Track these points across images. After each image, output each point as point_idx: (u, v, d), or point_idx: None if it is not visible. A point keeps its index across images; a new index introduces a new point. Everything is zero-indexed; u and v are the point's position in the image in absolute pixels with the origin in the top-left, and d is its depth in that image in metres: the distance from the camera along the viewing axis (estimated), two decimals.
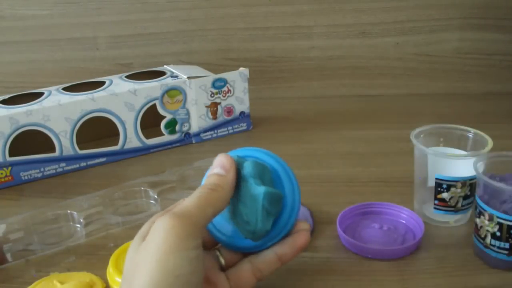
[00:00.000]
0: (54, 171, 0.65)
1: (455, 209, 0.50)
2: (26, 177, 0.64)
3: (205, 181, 0.38)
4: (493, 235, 0.43)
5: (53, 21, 0.90)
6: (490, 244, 0.43)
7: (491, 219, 0.43)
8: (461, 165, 0.47)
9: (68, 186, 0.63)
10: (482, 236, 0.44)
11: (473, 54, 0.89)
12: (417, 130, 0.52)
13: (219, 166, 0.38)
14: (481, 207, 0.44)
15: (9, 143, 0.62)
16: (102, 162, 0.68)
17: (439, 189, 0.49)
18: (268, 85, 0.93)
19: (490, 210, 0.42)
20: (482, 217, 0.44)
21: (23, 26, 0.90)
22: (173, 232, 0.32)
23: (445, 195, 0.49)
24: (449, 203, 0.49)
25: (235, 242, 0.39)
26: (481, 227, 0.44)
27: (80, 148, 0.67)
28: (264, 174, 0.38)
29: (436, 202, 0.50)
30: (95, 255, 0.48)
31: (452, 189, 0.48)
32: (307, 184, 0.60)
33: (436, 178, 0.49)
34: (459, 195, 0.49)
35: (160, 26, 0.90)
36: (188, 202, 0.35)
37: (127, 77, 0.73)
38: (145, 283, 0.31)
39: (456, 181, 0.48)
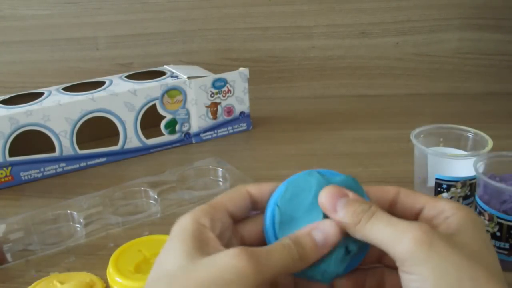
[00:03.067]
0: (54, 171, 0.65)
1: None
2: (26, 177, 0.64)
3: (299, 233, 0.31)
4: (493, 236, 0.43)
5: (53, 21, 0.90)
6: None
7: (491, 219, 0.43)
8: (461, 165, 0.47)
9: (68, 186, 0.63)
10: None
11: (473, 54, 0.89)
12: (417, 130, 0.52)
13: (322, 232, 0.31)
14: (481, 207, 0.44)
15: (9, 143, 0.62)
16: (102, 162, 0.68)
17: (439, 189, 0.49)
18: (268, 85, 0.93)
19: (490, 210, 0.42)
20: (482, 217, 0.44)
21: (23, 26, 0.90)
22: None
23: (445, 195, 0.49)
24: None
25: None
26: None
27: (80, 148, 0.67)
28: None
29: None
30: (95, 255, 0.48)
31: (452, 189, 0.48)
32: None
33: (436, 178, 0.49)
34: (459, 195, 0.49)
35: (160, 26, 0.90)
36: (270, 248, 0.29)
37: (127, 77, 0.73)
38: None
39: (456, 181, 0.48)
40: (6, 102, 0.66)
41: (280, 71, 0.93)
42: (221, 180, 0.61)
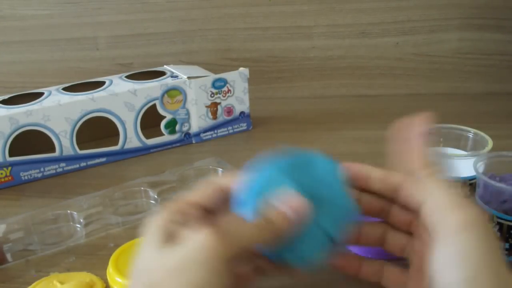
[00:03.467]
0: (54, 171, 0.65)
1: None
2: (26, 177, 0.64)
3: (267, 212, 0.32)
4: None
5: (53, 21, 0.90)
6: None
7: (491, 219, 0.43)
8: (461, 165, 0.47)
9: (68, 186, 0.63)
10: None
11: (473, 54, 0.89)
12: None
13: (292, 208, 0.32)
14: (481, 207, 0.44)
15: (9, 143, 0.62)
16: (102, 162, 0.68)
17: None
18: (268, 85, 0.93)
19: (490, 210, 0.42)
20: None
21: (23, 26, 0.90)
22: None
23: None
24: None
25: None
26: None
27: (80, 148, 0.67)
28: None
29: None
30: (95, 255, 0.48)
31: None
32: None
33: None
34: None
35: (160, 26, 0.90)
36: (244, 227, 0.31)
37: (127, 77, 0.73)
38: None
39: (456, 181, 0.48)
40: (6, 102, 0.66)
41: (280, 71, 0.93)
42: None
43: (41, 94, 0.67)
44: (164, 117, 0.71)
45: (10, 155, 0.62)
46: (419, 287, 0.33)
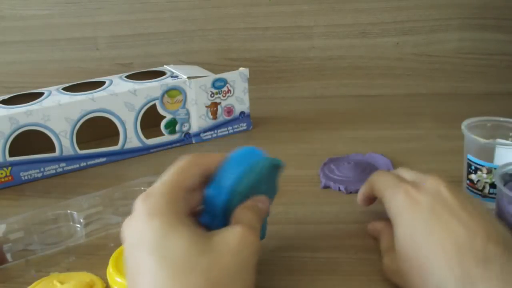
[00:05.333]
0: (54, 171, 0.65)
1: (482, 194, 0.51)
2: (26, 177, 0.64)
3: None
4: None
5: (53, 21, 0.90)
6: None
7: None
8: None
9: (68, 186, 0.63)
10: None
11: (473, 54, 0.89)
12: (468, 121, 0.54)
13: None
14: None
15: (9, 143, 0.62)
16: (102, 162, 0.68)
17: (469, 169, 0.51)
18: (268, 85, 0.93)
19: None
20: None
21: (23, 26, 0.90)
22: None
23: (473, 176, 0.51)
24: (476, 186, 0.51)
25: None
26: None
27: (80, 148, 0.67)
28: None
29: (468, 182, 0.52)
30: (95, 255, 0.48)
31: (479, 172, 0.50)
32: (307, 184, 0.60)
33: (468, 159, 0.51)
34: (485, 181, 0.50)
35: (160, 26, 0.90)
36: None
37: (127, 77, 0.73)
38: None
39: (482, 166, 0.50)
40: (6, 102, 0.66)
41: (280, 71, 0.93)
42: None
43: (41, 94, 0.67)
44: (164, 117, 0.71)
45: (10, 155, 0.62)
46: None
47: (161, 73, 0.74)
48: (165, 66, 0.78)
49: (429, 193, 0.39)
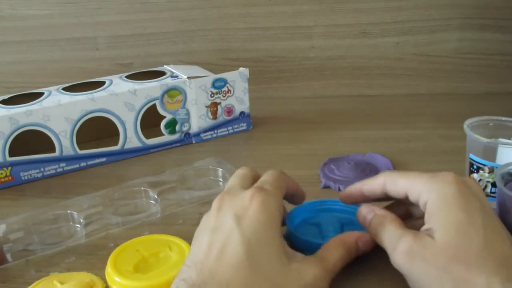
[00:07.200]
0: (54, 171, 0.65)
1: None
2: (26, 177, 0.64)
3: None
4: None
5: (53, 21, 0.90)
6: None
7: None
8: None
9: (68, 186, 0.63)
10: None
11: (473, 54, 0.89)
12: (470, 121, 0.53)
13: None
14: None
15: (9, 143, 0.62)
16: (102, 162, 0.68)
17: (471, 168, 0.51)
18: (268, 85, 0.93)
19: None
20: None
21: (23, 26, 0.90)
22: None
23: (475, 175, 0.51)
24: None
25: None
26: None
27: (80, 148, 0.67)
28: None
29: None
30: (95, 255, 0.48)
31: (481, 171, 0.50)
32: (307, 184, 0.60)
33: (470, 158, 0.51)
34: (487, 180, 0.50)
35: (160, 26, 0.90)
36: None
37: (127, 77, 0.73)
38: None
39: (484, 165, 0.50)
40: (6, 102, 0.66)
41: (280, 71, 0.93)
42: (221, 180, 0.61)
43: (41, 94, 0.67)
44: (164, 117, 0.71)
45: (10, 155, 0.62)
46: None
47: (161, 73, 0.74)
48: (165, 66, 0.78)
49: None
